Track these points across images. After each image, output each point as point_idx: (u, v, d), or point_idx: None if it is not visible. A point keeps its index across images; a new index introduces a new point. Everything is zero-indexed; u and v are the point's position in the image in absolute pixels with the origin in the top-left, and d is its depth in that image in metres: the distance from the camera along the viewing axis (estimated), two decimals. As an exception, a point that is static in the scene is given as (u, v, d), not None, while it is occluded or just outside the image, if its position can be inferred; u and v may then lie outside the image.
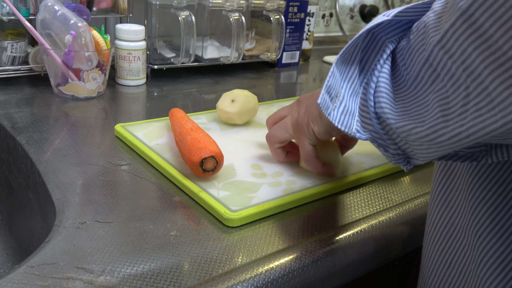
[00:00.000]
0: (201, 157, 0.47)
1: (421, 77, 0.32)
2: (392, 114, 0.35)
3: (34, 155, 0.53)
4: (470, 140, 0.29)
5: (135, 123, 0.62)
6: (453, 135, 0.29)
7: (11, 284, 0.34)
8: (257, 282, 0.38)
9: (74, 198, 0.46)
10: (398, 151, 0.37)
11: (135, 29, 0.78)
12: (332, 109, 0.37)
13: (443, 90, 0.30)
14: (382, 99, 0.36)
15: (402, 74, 0.35)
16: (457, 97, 0.29)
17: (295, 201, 0.48)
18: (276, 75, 0.99)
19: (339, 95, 0.37)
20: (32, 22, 0.71)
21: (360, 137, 0.38)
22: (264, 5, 0.95)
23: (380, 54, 0.36)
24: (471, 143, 0.29)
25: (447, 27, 0.28)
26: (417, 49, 0.33)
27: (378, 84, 0.36)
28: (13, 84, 0.76)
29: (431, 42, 0.30)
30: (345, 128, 0.37)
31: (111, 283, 0.35)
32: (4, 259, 0.60)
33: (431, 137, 0.31)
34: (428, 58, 0.31)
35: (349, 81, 0.37)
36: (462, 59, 0.28)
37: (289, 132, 0.50)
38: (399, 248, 0.50)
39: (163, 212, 0.45)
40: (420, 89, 0.32)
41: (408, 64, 0.34)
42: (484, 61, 0.26)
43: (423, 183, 0.56)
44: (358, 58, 0.37)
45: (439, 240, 0.41)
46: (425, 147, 0.33)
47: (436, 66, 0.30)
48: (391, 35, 0.36)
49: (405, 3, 1.54)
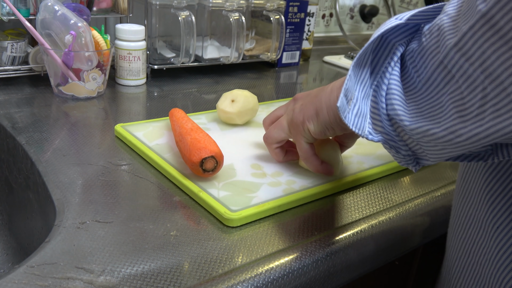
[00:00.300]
0: (201, 157, 0.47)
1: (433, 79, 0.33)
2: (406, 116, 0.35)
3: (34, 155, 0.53)
4: (489, 140, 0.29)
5: (135, 123, 0.62)
6: (471, 135, 0.30)
7: (11, 284, 0.34)
8: (257, 282, 0.38)
9: (74, 198, 0.46)
10: (409, 152, 0.38)
11: (135, 29, 0.78)
12: (348, 112, 0.37)
13: (458, 91, 0.31)
14: (395, 101, 0.36)
15: (412, 76, 0.35)
16: (474, 98, 0.29)
17: (295, 201, 0.48)
18: (276, 75, 0.99)
19: (353, 98, 0.37)
20: (32, 22, 0.71)
21: (373, 139, 0.38)
22: (264, 5, 0.95)
23: (390, 56, 0.37)
24: (490, 143, 0.30)
25: (465, 29, 0.29)
26: (431, 51, 0.33)
27: (390, 86, 0.37)
28: (13, 84, 0.76)
29: (447, 45, 0.31)
30: (358, 131, 0.38)
31: (111, 283, 0.35)
32: (4, 259, 0.60)
33: (448, 138, 0.32)
34: (442, 60, 0.31)
35: (362, 84, 0.38)
36: (480, 61, 0.28)
37: (285, 132, 0.50)
38: (399, 248, 0.50)
39: (163, 212, 0.45)
40: (432, 91, 0.33)
41: (419, 66, 0.34)
42: (504, 63, 0.27)
43: (423, 183, 0.56)
44: (369, 60, 0.38)
45: (460, 230, 0.42)
46: (440, 147, 0.34)
47: (451, 68, 0.31)
48: (400, 38, 0.37)
49: (405, 3, 1.54)
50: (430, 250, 0.60)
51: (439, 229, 0.54)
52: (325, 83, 0.98)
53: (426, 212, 0.52)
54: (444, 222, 0.54)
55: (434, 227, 0.54)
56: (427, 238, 0.54)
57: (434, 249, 0.56)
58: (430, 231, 0.53)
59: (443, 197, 0.54)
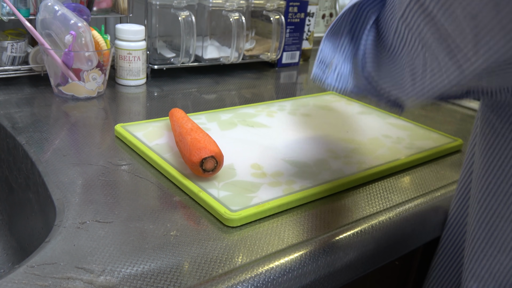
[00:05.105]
0: (201, 157, 0.47)
1: (394, 44, 0.38)
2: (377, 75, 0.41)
3: (34, 155, 0.53)
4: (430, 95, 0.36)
5: (135, 123, 0.62)
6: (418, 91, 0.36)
7: (11, 284, 0.34)
8: (257, 282, 0.38)
9: (74, 198, 0.46)
10: (389, 100, 0.44)
11: (135, 29, 0.78)
12: (327, 76, 0.43)
13: (409, 57, 0.36)
14: (368, 63, 0.42)
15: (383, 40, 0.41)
16: (419, 63, 0.35)
17: (295, 201, 0.48)
18: (276, 75, 0.99)
19: (332, 64, 0.43)
20: (32, 22, 0.71)
21: (357, 93, 0.44)
22: (264, 5, 0.95)
23: (365, 24, 0.42)
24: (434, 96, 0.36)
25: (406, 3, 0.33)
26: (388, 20, 0.38)
27: (366, 50, 0.42)
28: (13, 84, 0.76)
29: (396, 16, 0.35)
30: (341, 90, 0.43)
31: (111, 283, 0.35)
32: (4, 259, 0.60)
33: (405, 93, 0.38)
34: (396, 29, 0.36)
35: (341, 50, 0.43)
36: (418, 32, 0.33)
37: None
38: (399, 248, 0.50)
39: (163, 212, 0.45)
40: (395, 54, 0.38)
41: (384, 33, 0.39)
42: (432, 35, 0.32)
43: (423, 183, 0.56)
44: (347, 29, 0.42)
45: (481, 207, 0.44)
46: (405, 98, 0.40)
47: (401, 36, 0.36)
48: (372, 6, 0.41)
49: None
50: (430, 250, 0.60)
51: (439, 229, 0.54)
52: (325, 83, 0.98)
53: (426, 212, 0.52)
54: (444, 222, 0.54)
55: (434, 227, 0.54)
56: (427, 238, 0.54)
57: (434, 249, 0.56)
58: (430, 231, 0.53)
59: (443, 197, 0.54)
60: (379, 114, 0.76)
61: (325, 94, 0.85)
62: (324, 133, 0.66)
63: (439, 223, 0.54)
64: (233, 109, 0.72)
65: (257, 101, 0.79)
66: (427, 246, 0.59)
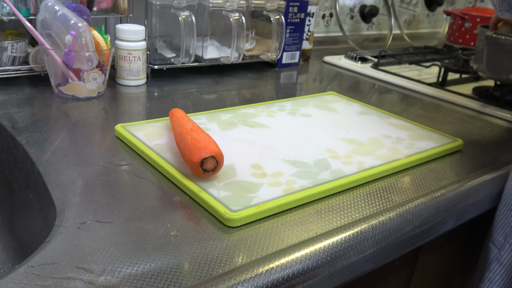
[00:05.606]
0: (201, 157, 0.48)
1: None
2: None
3: (34, 155, 0.53)
4: None
5: (135, 123, 0.62)
6: None
7: (11, 284, 0.34)
8: (257, 282, 0.38)
9: (74, 198, 0.46)
10: None
11: (135, 29, 0.78)
12: None
13: None
14: None
15: None
16: None
17: (295, 201, 0.48)
18: (276, 75, 0.99)
19: None
20: (32, 22, 0.71)
21: None
22: (264, 5, 0.95)
23: None
24: None
25: None
26: None
27: None
28: (13, 84, 0.76)
29: None
30: None
31: (112, 283, 0.35)
32: (4, 259, 0.60)
33: None
34: None
35: None
36: None
37: None
38: (399, 248, 0.50)
39: (163, 212, 0.45)
40: None
41: None
42: None
43: (423, 183, 0.56)
44: None
45: None
46: None
47: None
48: None
49: (405, 3, 1.54)
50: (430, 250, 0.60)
51: (439, 229, 0.54)
52: (325, 83, 0.98)
53: (426, 212, 0.52)
54: (444, 222, 0.54)
55: (434, 227, 0.54)
56: (427, 238, 0.54)
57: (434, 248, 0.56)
58: (430, 231, 0.53)
59: (443, 197, 0.55)
60: (379, 114, 0.76)
61: (325, 94, 0.85)
62: (324, 133, 0.66)
63: (439, 223, 0.54)
64: (233, 109, 0.72)
65: (257, 101, 0.79)
66: (427, 246, 0.59)
